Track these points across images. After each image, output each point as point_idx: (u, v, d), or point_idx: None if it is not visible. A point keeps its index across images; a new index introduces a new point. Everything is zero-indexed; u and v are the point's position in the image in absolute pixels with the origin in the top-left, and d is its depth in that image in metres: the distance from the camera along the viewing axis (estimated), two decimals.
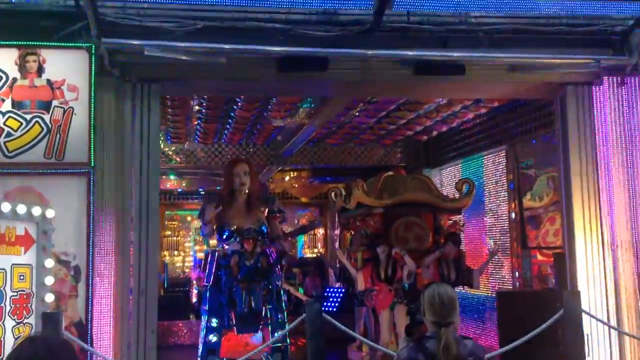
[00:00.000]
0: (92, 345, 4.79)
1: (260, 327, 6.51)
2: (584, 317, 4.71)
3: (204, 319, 6.48)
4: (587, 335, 5.06)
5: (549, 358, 6.17)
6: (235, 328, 6.47)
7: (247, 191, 6.59)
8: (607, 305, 5.36)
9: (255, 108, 8.20)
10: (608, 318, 5.32)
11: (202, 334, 6.48)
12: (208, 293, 6.44)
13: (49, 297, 4.38)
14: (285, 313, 6.58)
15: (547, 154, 7.58)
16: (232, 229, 6.40)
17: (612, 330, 5.26)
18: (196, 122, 9.03)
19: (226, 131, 9.57)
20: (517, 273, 8.08)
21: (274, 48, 5.18)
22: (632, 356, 5.30)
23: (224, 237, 6.45)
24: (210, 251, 6.61)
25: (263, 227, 6.52)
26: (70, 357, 2.18)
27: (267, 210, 6.79)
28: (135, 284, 5.09)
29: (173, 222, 14.99)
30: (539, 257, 7.85)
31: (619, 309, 5.37)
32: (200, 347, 6.46)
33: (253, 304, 6.21)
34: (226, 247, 6.41)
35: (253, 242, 6.30)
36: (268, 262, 6.45)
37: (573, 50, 5.47)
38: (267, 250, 6.50)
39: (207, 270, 6.48)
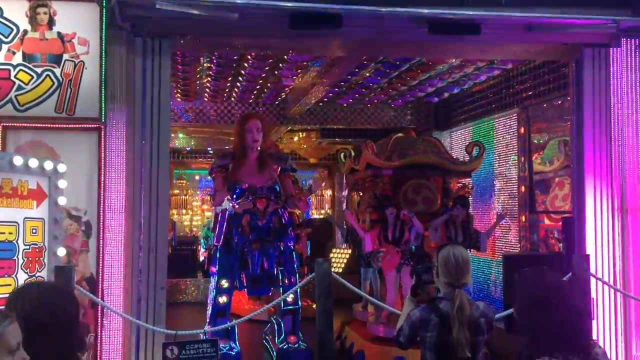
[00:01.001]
0: (103, 300, 4.86)
1: (272, 289, 6.33)
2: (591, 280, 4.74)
3: (213, 280, 6.30)
4: (593, 298, 5.09)
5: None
6: (246, 290, 6.32)
7: (259, 148, 6.37)
8: (615, 269, 5.38)
9: (266, 66, 8.12)
10: (615, 282, 5.34)
11: (211, 295, 6.31)
12: (218, 254, 6.25)
13: (61, 251, 4.42)
14: (297, 275, 6.40)
15: (559, 118, 7.52)
16: (244, 187, 6.19)
17: (618, 293, 5.29)
18: (206, 80, 8.97)
19: (236, 89, 9.51)
20: (524, 237, 8.11)
21: (286, 4, 5.10)
22: (637, 319, 5.35)
23: (235, 195, 6.24)
24: (221, 210, 6.40)
25: (276, 186, 6.31)
26: (72, 310, 2.18)
27: (279, 168, 6.58)
28: (145, 241, 5.13)
29: (181, 181, 15.07)
30: (547, 222, 7.86)
31: (625, 273, 5.39)
32: (210, 309, 6.29)
33: (266, 266, 6.04)
34: (236, 206, 6.22)
35: (266, 201, 6.09)
36: (280, 222, 6.26)
37: (591, 10, 5.35)
38: (280, 210, 6.31)
39: (217, 230, 6.30)
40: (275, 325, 6.48)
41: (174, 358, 4.10)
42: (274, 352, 6.40)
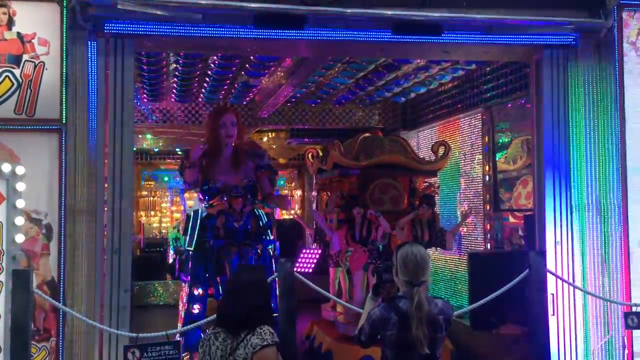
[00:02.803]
0: (64, 304, 4.79)
1: None
2: (550, 277, 4.83)
3: (185, 287, 5.89)
4: (552, 294, 5.19)
5: (516, 317, 6.36)
6: (222, 298, 5.85)
7: (233, 144, 5.94)
8: (574, 266, 5.49)
9: (233, 66, 8.10)
10: (573, 278, 5.45)
11: (184, 304, 5.86)
12: (190, 259, 5.80)
13: (20, 255, 4.36)
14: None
15: (522, 118, 7.66)
16: (218, 185, 5.79)
17: (577, 290, 5.40)
18: (173, 81, 8.91)
19: (204, 90, 9.47)
20: (488, 235, 8.23)
21: (250, 4, 5.10)
22: (594, 315, 5.47)
23: (208, 195, 5.83)
24: (193, 212, 5.99)
25: (253, 185, 5.92)
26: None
27: (255, 166, 6.14)
28: (108, 243, 5.07)
29: (150, 183, 14.93)
30: (511, 220, 7.99)
31: (584, 270, 5.50)
32: (182, 318, 5.84)
33: None
34: (204, 206, 5.87)
35: (242, 201, 5.68)
36: (258, 223, 5.86)
37: (549, 12, 5.46)
38: (257, 210, 5.93)
39: (188, 232, 5.84)
40: None
41: None
42: None
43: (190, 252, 5.82)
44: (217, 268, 5.73)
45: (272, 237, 6.04)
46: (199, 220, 5.80)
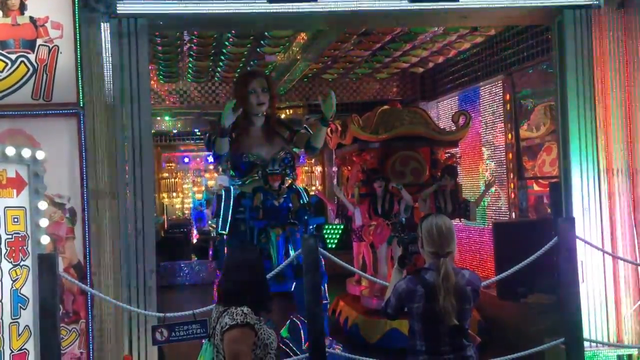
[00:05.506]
0: (91, 287, 4.83)
1: (294, 283, 5.10)
2: (579, 244, 4.73)
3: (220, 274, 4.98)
4: (582, 261, 5.10)
5: (544, 285, 6.29)
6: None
7: (265, 113, 5.29)
8: (602, 232, 5.38)
9: (248, 43, 8.03)
10: (602, 244, 5.34)
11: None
12: (225, 243, 5.14)
13: (45, 239, 4.37)
14: (323, 264, 4.94)
15: (544, 83, 7.49)
16: (252, 159, 5.15)
17: (606, 256, 5.30)
18: (188, 61, 8.87)
19: (219, 69, 9.42)
20: (513, 204, 8.12)
21: None
22: (625, 281, 5.37)
23: (241, 171, 5.19)
24: (224, 189, 5.28)
25: (290, 158, 5.25)
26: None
27: (291, 134, 5.40)
28: (132, 224, 5.09)
29: (170, 164, 15.01)
30: (536, 188, 7.87)
31: (613, 235, 5.39)
32: None
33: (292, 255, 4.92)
34: (236, 183, 5.27)
35: (280, 177, 5.05)
36: (299, 201, 5.20)
37: None
38: (295, 186, 5.31)
39: (221, 214, 5.11)
40: (300, 325, 5.16)
41: (164, 340, 4.10)
42: None
43: (225, 236, 5.15)
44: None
45: (314, 215, 5.40)
46: (232, 200, 5.13)
